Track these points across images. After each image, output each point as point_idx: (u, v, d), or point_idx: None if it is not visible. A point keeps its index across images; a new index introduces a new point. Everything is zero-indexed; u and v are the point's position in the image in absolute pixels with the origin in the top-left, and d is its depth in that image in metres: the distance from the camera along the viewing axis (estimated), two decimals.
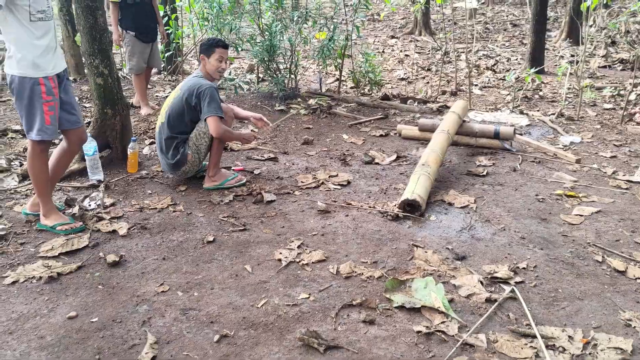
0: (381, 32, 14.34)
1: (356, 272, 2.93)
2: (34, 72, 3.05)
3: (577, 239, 3.31)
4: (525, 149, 4.88)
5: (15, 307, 2.60)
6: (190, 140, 3.92)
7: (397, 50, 11.42)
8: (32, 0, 2.99)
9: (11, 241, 3.20)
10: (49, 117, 3.13)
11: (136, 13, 5.51)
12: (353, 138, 5.15)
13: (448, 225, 3.48)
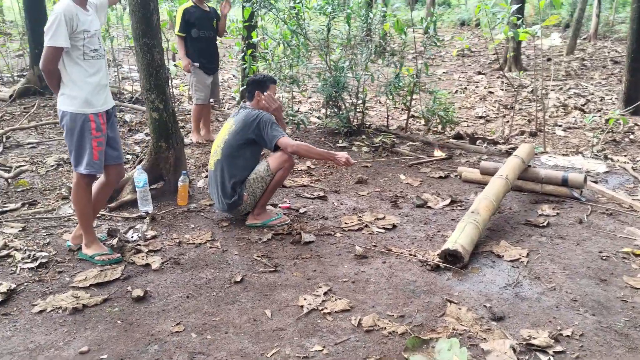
0: (469, 68, 14.00)
1: (379, 325, 2.74)
2: (85, 108, 3.18)
3: (638, 305, 2.93)
4: (597, 198, 4.46)
5: (35, 337, 2.65)
6: (247, 182, 3.87)
7: (481, 87, 11.05)
8: (86, 39, 3.14)
9: (50, 269, 3.30)
10: (97, 152, 3.26)
11: (200, 46, 5.74)
12: (410, 179, 4.96)
13: (492, 280, 3.21)
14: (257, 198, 3.92)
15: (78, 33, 3.10)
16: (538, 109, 7.43)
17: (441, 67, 14.16)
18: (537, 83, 10.40)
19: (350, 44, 6.19)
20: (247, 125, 3.79)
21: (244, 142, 3.81)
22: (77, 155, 3.26)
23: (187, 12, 5.65)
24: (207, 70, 5.85)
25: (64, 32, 3.03)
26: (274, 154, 3.86)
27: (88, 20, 3.17)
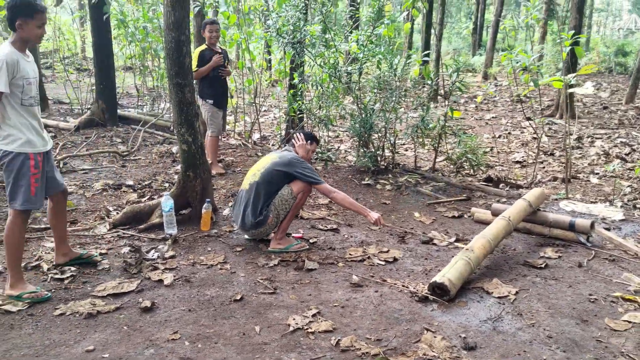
0: (521, 113, 13.98)
1: (355, 346, 2.96)
2: (26, 148, 3.36)
3: (611, 346, 3.02)
4: (604, 244, 4.51)
5: (51, 335, 3.03)
6: (272, 205, 4.25)
7: (526, 132, 11.07)
8: (25, 87, 3.34)
9: (77, 280, 3.72)
10: (34, 188, 3.40)
11: (213, 85, 6.32)
12: (424, 217, 5.15)
13: (474, 313, 3.37)
14: (280, 221, 4.28)
15: (18, 79, 3.27)
16: (569, 156, 7.44)
17: (492, 111, 14.23)
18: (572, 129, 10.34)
19: (380, 87, 6.50)
20: (292, 164, 4.26)
21: (284, 174, 4.24)
22: (12, 191, 3.38)
23: (202, 54, 6.21)
24: (219, 105, 6.42)
25: (5, 78, 3.19)
26: (295, 181, 4.25)
27: (28, 68, 3.36)
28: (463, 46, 34.41)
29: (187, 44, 4.37)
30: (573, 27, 12.59)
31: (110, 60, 9.28)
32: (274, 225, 4.29)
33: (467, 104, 15.32)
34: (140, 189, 5.78)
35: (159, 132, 8.57)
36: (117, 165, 6.78)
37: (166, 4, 4.24)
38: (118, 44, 11.63)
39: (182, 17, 4.25)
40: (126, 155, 7.21)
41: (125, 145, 7.81)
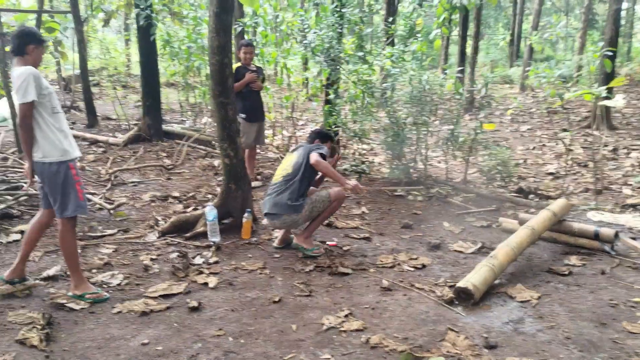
0: (557, 125, 13.97)
1: (384, 344, 3.23)
2: (65, 157, 3.59)
3: (627, 347, 3.20)
4: (629, 253, 4.66)
5: (111, 330, 3.39)
6: (310, 199, 4.60)
7: (561, 144, 11.11)
8: (50, 97, 3.59)
9: (130, 282, 4.09)
10: (82, 194, 3.64)
11: (245, 100, 6.58)
12: (453, 227, 5.38)
13: (497, 316, 3.59)
14: (313, 216, 4.62)
15: (44, 89, 3.51)
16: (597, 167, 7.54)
17: (528, 123, 14.28)
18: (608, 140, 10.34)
19: (412, 102, 6.76)
20: (309, 149, 4.64)
21: (307, 161, 4.57)
22: (62, 201, 3.57)
23: (237, 70, 6.49)
24: (251, 120, 6.70)
25: (33, 89, 3.42)
26: (335, 187, 4.64)
27: (47, 83, 3.59)
28: (501, 57, 34.21)
29: (230, 66, 4.75)
30: (609, 37, 12.61)
31: (156, 79, 9.81)
32: (305, 217, 4.61)
33: (503, 115, 15.38)
34: (185, 200, 6.18)
35: (201, 147, 9.01)
36: (163, 178, 7.22)
37: (211, 30, 4.63)
38: (162, 62, 12.22)
39: (225, 42, 4.63)
40: (171, 168, 7.64)
41: (170, 159, 8.27)
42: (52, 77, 20.77)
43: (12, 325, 3.42)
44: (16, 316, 3.53)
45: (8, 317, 3.51)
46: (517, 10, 28.04)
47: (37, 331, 3.32)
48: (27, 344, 3.21)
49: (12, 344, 3.22)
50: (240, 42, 7.03)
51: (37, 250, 4.65)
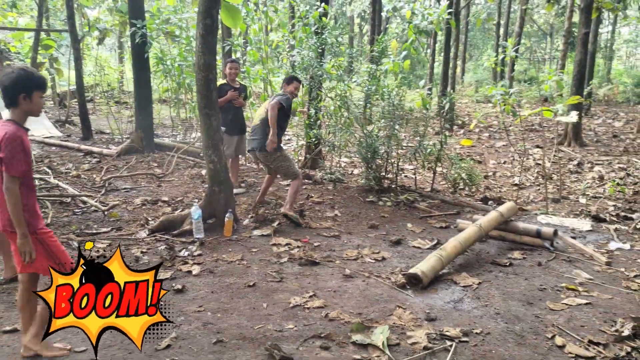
0: (532, 142, 14.65)
1: (340, 317, 3.78)
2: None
3: (546, 320, 3.77)
4: (567, 249, 5.25)
5: None
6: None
7: (531, 159, 11.77)
8: None
9: None
10: None
11: (226, 115, 7.03)
12: (415, 227, 5.96)
13: (441, 297, 4.16)
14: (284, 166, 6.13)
15: None
16: (546, 177, 8.16)
17: (504, 139, 14.94)
18: (591, 157, 10.97)
19: (384, 117, 7.37)
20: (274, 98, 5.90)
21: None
22: None
23: (220, 87, 7.01)
24: (231, 133, 7.18)
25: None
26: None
27: None
28: (486, 77, 35.15)
29: (214, 82, 5.34)
30: (578, 60, 13.30)
31: (148, 94, 10.40)
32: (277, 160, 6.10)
33: (482, 132, 16.08)
34: (174, 204, 6.72)
35: (190, 158, 9.57)
36: (154, 185, 7.77)
37: (197, 50, 5.24)
38: (155, 79, 12.82)
39: (210, 60, 5.23)
40: (162, 177, 8.20)
41: (161, 168, 8.82)
42: (46, 93, 21.36)
43: None
44: None
45: (15, 297, 4.05)
46: (500, 32, 29.01)
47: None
48: None
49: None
50: (227, 59, 7.60)
51: None
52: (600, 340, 3.47)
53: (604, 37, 34.57)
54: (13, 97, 3.05)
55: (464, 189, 7.82)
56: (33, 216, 3.17)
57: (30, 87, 3.06)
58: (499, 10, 29.79)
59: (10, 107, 3.09)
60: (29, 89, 3.06)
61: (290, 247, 5.27)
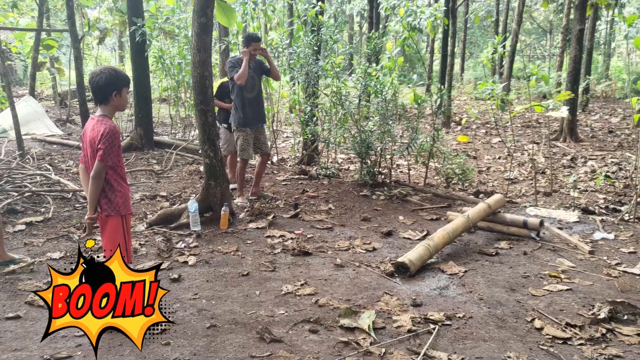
0: (528, 137, 14.80)
1: (330, 304, 3.94)
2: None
3: (527, 305, 3.93)
4: (553, 239, 5.40)
5: None
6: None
7: (526, 155, 11.91)
8: None
9: None
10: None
11: (226, 113, 7.16)
12: (406, 220, 6.11)
13: (428, 285, 4.32)
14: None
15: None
16: (535, 171, 8.31)
17: (500, 136, 15.07)
18: (585, 152, 11.12)
19: (378, 112, 7.52)
20: None
21: None
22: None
23: (221, 86, 7.18)
24: (231, 130, 7.06)
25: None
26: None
27: None
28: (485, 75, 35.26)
29: (210, 78, 5.50)
30: (573, 57, 13.44)
31: (147, 93, 10.55)
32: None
33: (479, 129, 16.22)
34: (172, 198, 6.89)
35: (189, 155, 9.74)
36: (152, 181, 7.93)
37: (193, 47, 5.40)
38: (154, 78, 12.97)
39: (205, 58, 5.39)
40: (160, 173, 8.36)
41: (159, 165, 8.99)
42: (47, 93, 21.55)
43: (22, 292, 4.13)
44: (25, 285, 4.24)
45: (18, 286, 4.22)
46: (498, 29, 29.11)
47: None
48: (34, 304, 3.92)
49: (23, 304, 3.92)
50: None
51: (40, 238, 5.36)
52: (577, 322, 3.62)
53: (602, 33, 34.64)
54: (106, 95, 3.45)
55: (458, 183, 7.97)
56: (126, 202, 3.63)
57: (120, 84, 3.46)
58: (497, 8, 29.88)
59: (102, 104, 3.50)
60: (120, 87, 3.46)
61: (284, 238, 5.43)
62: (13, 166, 7.64)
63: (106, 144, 3.39)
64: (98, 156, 3.40)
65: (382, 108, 7.45)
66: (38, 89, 22.28)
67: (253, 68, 6.46)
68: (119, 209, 3.59)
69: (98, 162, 3.42)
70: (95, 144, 3.42)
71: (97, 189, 3.48)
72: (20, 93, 19.04)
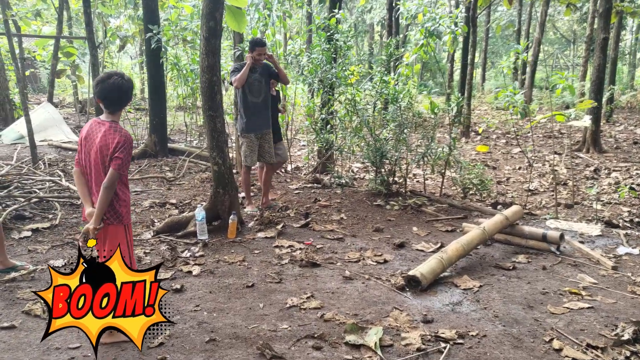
0: (550, 148, 14.46)
1: (336, 319, 3.76)
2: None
3: (545, 324, 3.70)
4: (574, 253, 5.15)
5: None
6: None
7: (547, 165, 11.60)
8: None
9: None
10: None
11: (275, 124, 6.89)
12: (420, 231, 5.90)
13: (440, 300, 4.11)
14: None
15: None
16: (555, 181, 8.02)
17: (521, 146, 14.75)
18: (610, 163, 10.78)
19: (393, 120, 7.34)
20: None
21: None
22: None
23: None
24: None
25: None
26: None
27: None
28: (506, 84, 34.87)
29: (219, 84, 5.37)
30: (597, 65, 13.11)
31: (162, 99, 10.50)
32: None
33: (499, 139, 15.91)
34: (181, 206, 6.77)
35: (202, 162, 9.64)
36: (163, 188, 7.83)
37: (201, 52, 5.28)
38: (173, 85, 12.94)
39: (214, 63, 5.27)
40: (172, 180, 8.26)
41: (172, 172, 8.89)
42: (69, 100, 21.74)
43: (20, 301, 4.02)
44: (23, 293, 4.13)
45: (17, 294, 4.11)
46: (520, 39, 28.74)
47: (41, 304, 3.91)
48: (31, 314, 3.80)
49: (20, 314, 3.81)
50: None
51: (45, 245, 5.26)
52: (599, 344, 3.39)
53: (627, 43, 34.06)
54: (125, 102, 3.48)
55: (475, 194, 7.73)
56: (129, 211, 3.57)
57: (132, 93, 3.55)
58: (519, 17, 29.52)
59: (116, 110, 3.45)
60: (132, 95, 3.56)
61: (293, 249, 5.26)
62: (23, 172, 7.59)
63: (124, 153, 3.32)
64: (115, 165, 3.30)
65: (397, 116, 7.27)
66: (60, 97, 22.51)
67: (260, 72, 6.31)
68: (122, 218, 3.49)
69: (114, 171, 3.31)
70: (110, 151, 3.32)
71: (108, 198, 3.36)
72: (42, 100, 19.22)
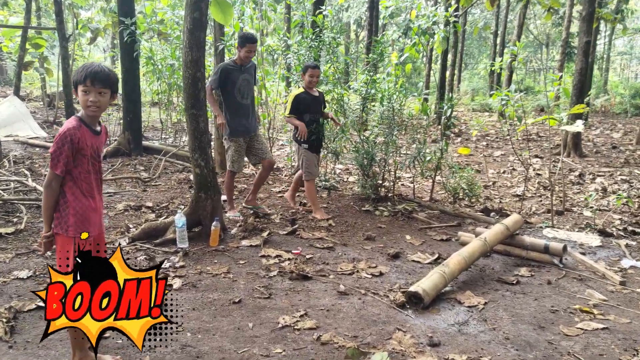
0: (530, 152, 14.36)
1: (334, 341, 3.41)
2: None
3: (560, 347, 3.42)
4: (577, 266, 4.91)
5: None
6: None
7: (531, 169, 11.45)
8: None
9: None
10: None
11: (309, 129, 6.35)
12: (414, 239, 5.60)
13: (444, 318, 3.80)
14: None
15: None
16: (552, 188, 7.84)
17: (502, 149, 14.64)
18: (591, 168, 10.68)
19: (383, 122, 7.02)
20: None
21: None
22: None
23: (298, 98, 6.25)
24: (315, 150, 6.48)
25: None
26: None
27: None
28: (482, 86, 34.95)
29: (202, 80, 4.98)
30: (579, 69, 13.04)
31: (136, 95, 10.03)
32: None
33: (479, 141, 15.78)
34: (158, 210, 6.35)
35: (179, 162, 9.20)
36: (139, 189, 7.38)
37: (185, 46, 4.88)
38: (147, 81, 12.43)
39: (198, 57, 4.87)
40: (148, 181, 7.82)
41: (147, 172, 8.44)
42: (36, 94, 20.94)
43: None
44: None
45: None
46: (497, 41, 28.78)
47: (3, 324, 3.48)
48: None
49: None
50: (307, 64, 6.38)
51: (9, 252, 4.80)
52: None
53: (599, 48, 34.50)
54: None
55: (464, 199, 7.47)
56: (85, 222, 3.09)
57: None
58: (497, 20, 29.56)
59: None
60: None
61: (281, 259, 4.90)
62: None
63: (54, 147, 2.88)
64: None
65: (387, 117, 6.95)
66: (27, 90, 21.68)
67: (248, 72, 5.95)
68: (68, 229, 2.95)
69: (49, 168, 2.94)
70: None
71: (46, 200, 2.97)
72: (8, 93, 18.43)
